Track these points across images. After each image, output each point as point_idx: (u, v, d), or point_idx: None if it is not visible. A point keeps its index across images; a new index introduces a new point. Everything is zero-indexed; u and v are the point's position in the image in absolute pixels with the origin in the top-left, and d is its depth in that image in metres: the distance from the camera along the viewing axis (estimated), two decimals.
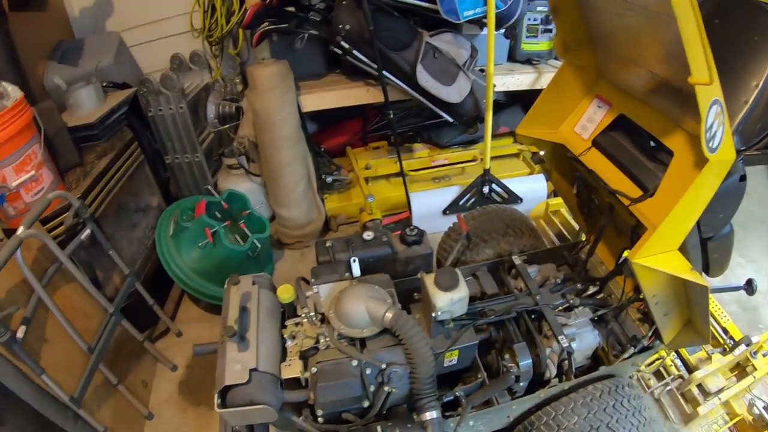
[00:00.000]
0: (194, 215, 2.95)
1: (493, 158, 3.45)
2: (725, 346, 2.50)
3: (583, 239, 2.32)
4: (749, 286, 1.99)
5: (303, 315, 1.91)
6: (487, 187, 3.43)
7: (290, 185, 3.31)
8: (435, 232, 3.60)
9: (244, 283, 2.00)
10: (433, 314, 1.74)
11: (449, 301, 1.73)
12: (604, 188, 1.74)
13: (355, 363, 1.70)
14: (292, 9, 3.05)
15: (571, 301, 2.00)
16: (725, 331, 2.59)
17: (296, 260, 3.59)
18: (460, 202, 3.52)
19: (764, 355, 2.47)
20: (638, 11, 1.39)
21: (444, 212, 3.56)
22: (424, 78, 3.03)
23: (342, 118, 4.09)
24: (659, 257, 1.42)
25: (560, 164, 2.17)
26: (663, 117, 1.58)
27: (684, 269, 1.44)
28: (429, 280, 1.77)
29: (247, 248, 2.95)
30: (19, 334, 1.85)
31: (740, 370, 2.53)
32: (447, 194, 3.58)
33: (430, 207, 3.58)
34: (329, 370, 1.71)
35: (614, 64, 1.80)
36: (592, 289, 2.13)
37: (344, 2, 2.96)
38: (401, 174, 3.47)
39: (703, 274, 1.83)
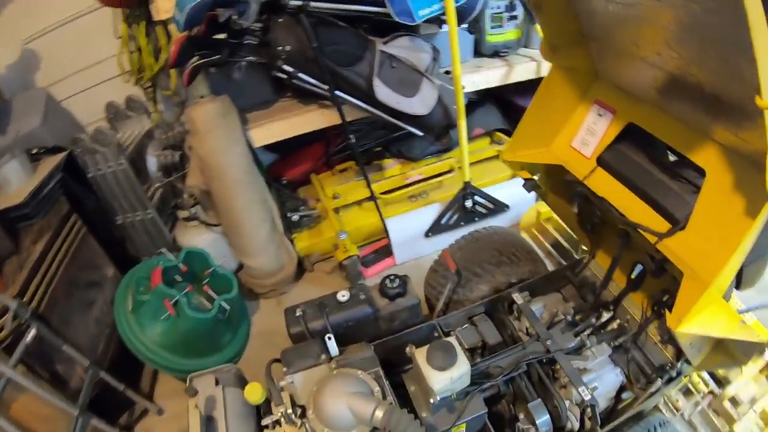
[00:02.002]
0: (151, 285, 2.61)
1: (471, 164, 3.15)
2: None
3: (583, 249, 2.02)
4: None
5: (279, 414, 1.60)
6: (470, 200, 3.15)
7: (251, 232, 2.98)
8: (420, 257, 3.35)
9: (205, 385, 1.68)
10: (432, 400, 1.45)
11: (448, 381, 1.47)
12: (620, 220, 1.44)
13: None
14: (222, 36, 2.68)
15: (588, 342, 1.71)
16: None
17: (272, 310, 3.26)
18: (443, 221, 3.23)
19: None
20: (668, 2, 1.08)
21: (426, 234, 3.27)
22: (383, 93, 2.73)
23: (302, 143, 3.74)
24: (705, 315, 1.13)
25: (557, 185, 1.87)
26: (683, 126, 1.28)
27: (734, 324, 1.15)
28: (421, 358, 1.50)
29: (215, 314, 2.62)
30: None
31: None
32: (427, 214, 3.29)
33: (410, 231, 3.29)
34: None
35: (615, 61, 1.49)
36: (605, 315, 1.83)
37: (280, 20, 2.64)
38: (372, 198, 3.15)
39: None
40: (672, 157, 1.48)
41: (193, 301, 2.80)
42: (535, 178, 1.88)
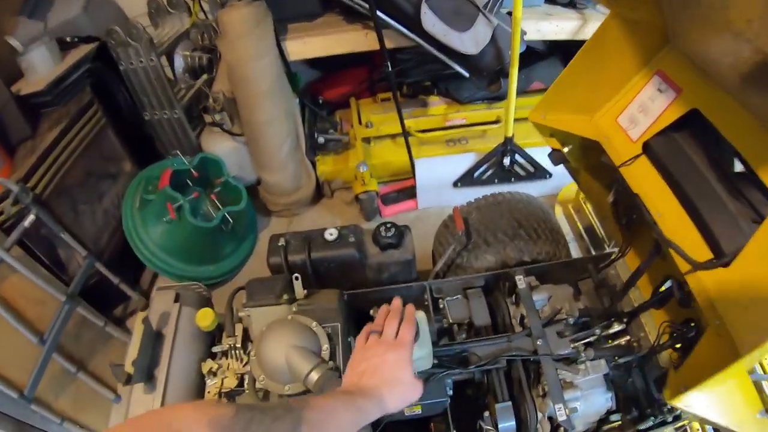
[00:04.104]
0: (159, 186, 2.55)
1: (520, 120, 2.83)
2: None
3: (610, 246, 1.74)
4: None
5: (228, 345, 1.50)
6: (509, 158, 2.85)
7: (273, 147, 2.83)
8: (444, 206, 3.12)
9: (163, 299, 1.60)
10: None
11: None
12: (651, 228, 1.17)
13: None
14: None
15: (583, 356, 1.49)
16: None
17: (283, 229, 3.17)
18: (475, 174, 2.97)
19: None
20: None
21: (455, 184, 3.02)
22: (430, 21, 2.41)
23: (347, 64, 3.48)
24: (720, 393, 0.88)
25: (592, 162, 1.57)
26: (765, 130, 0.97)
27: (752, 413, 0.89)
28: None
29: (216, 224, 2.55)
30: None
31: None
32: (461, 162, 3.03)
33: (439, 176, 3.05)
34: None
35: (693, 24, 1.12)
36: (616, 327, 1.58)
37: None
38: (404, 134, 2.91)
39: None
40: (739, 167, 1.16)
41: (202, 209, 2.74)
42: (566, 150, 1.59)
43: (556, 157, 1.60)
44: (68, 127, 2.44)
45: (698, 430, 1.82)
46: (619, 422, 1.52)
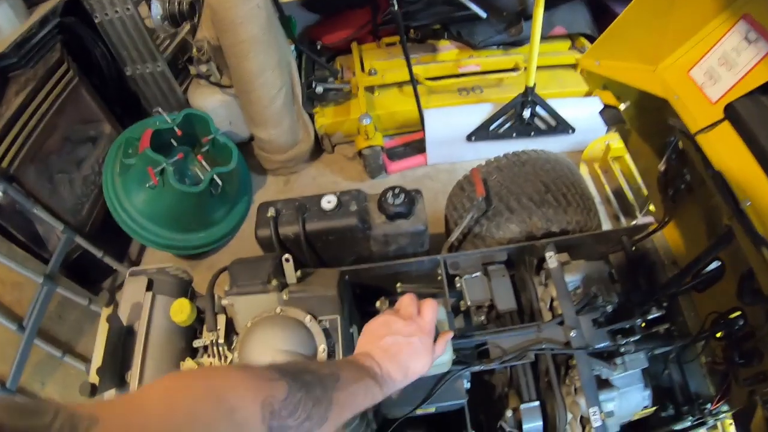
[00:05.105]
0: (139, 148, 2.30)
1: (540, 69, 2.52)
2: None
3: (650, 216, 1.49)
4: None
5: (209, 341, 1.30)
6: (529, 109, 2.57)
7: (264, 100, 2.57)
8: (457, 162, 2.87)
9: (135, 287, 1.37)
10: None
11: None
12: (730, 212, 0.92)
13: None
14: None
15: (623, 349, 1.27)
16: None
17: (280, 189, 2.96)
18: (492, 126, 2.71)
19: None
20: None
21: (469, 138, 2.75)
22: None
23: (349, 5, 3.15)
24: None
25: (650, 124, 1.30)
26: None
27: None
28: None
29: (204, 188, 2.32)
30: None
31: None
32: (475, 113, 2.76)
33: (451, 129, 2.79)
34: None
35: None
36: (654, 312, 1.35)
37: None
38: (412, 81, 2.64)
39: None
40: None
41: (189, 171, 2.50)
42: (621, 107, 1.30)
43: (610, 115, 1.33)
44: (36, 89, 2.23)
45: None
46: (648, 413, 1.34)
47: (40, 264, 2.10)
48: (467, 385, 1.32)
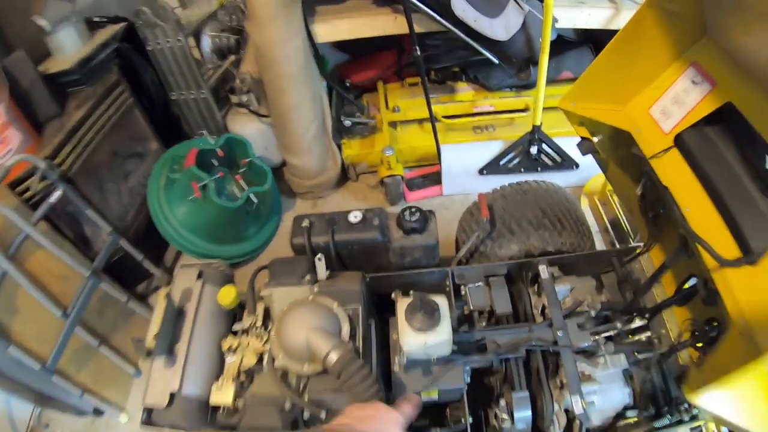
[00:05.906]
0: (184, 165, 2.58)
1: (548, 110, 2.77)
2: None
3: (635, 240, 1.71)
4: None
5: (249, 323, 1.53)
6: (536, 147, 2.80)
7: (299, 130, 2.83)
8: (469, 193, 3.10)
9: (187, 276, 1.62)
10: (397, 359, 1.31)
11: (422, 344, 1.33)
12: (679, 221, 1.14)
13: (289, 405, 1.35)
14: None
15: (603, 349, 1.47)
16: None
17: (307, 211, 3.18)
18: (502, 161, 2.93)
19: None
20: None
21: (480, 171, 2.99)
22: (460, 6, 2.37)
23: (376, 48, 3.46)
24: (741, 392, 0.86)
25: (621, 154, 1.53)
26: None
27: None
28: (402, 307, 1.35)
29: (240, 204, 2.58)
30: None
31: None
32: (487, 149, 2.99)
33: (465, 163, 3.02)
34: (257, 411, 1.38)
35: (733, 16, 1.10)
36: (638, 322, 1.55)
37: None
38: (431, 119, 2.89)
39: None
40: None
41: (227, 189, 2.77)
42: (595, 140, 1.55)
43: (585, 146, 1.56)
44: (95, 106, 2.47)
45: (714, 431, 1.78)
46: (636, 419, 1.50)
47: (86, 260, 2.25)
48: (467, 379, 1.50)
